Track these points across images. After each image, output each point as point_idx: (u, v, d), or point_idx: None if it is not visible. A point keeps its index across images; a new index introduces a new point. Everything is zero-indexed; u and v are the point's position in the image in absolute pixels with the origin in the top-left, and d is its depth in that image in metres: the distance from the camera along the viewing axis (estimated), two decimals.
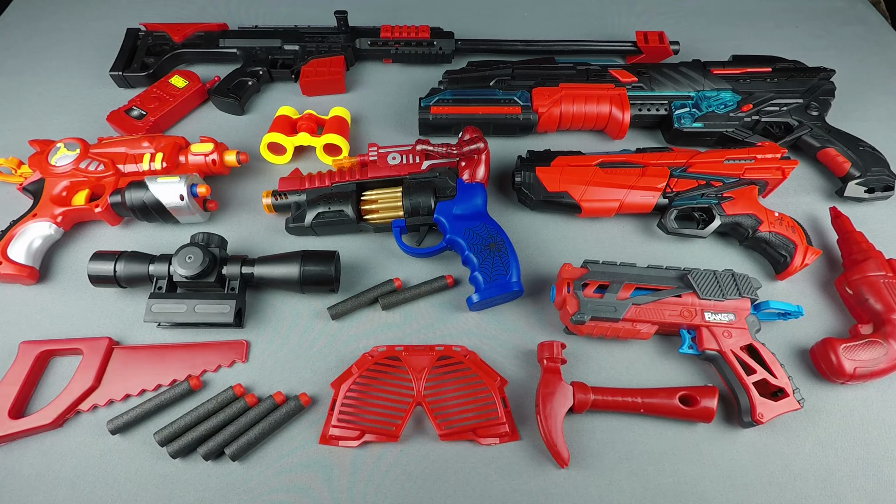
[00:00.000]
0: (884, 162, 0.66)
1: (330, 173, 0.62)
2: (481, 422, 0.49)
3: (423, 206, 0.58)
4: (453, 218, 0.57)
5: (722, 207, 0.60)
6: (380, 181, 0.61)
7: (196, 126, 0.75)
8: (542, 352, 0.52)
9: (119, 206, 0.60)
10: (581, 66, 0.73)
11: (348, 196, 0.59)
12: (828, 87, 0.72)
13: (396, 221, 0.59)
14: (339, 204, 0.59)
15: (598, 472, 0.49)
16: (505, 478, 0.49)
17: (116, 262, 0.55)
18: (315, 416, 0.51)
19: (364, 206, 0.60)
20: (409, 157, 0.61)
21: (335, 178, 0.61)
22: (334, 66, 0.77)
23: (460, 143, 0.60)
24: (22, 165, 0.64)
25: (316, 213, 0.59)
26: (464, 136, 0.61)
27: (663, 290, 0.54)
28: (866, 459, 0.50)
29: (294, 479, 0.48)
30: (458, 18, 0.89)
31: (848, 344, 0.52)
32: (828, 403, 0.53)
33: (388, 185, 0.61)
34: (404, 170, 0.61)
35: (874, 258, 0.57)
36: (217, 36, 0.80)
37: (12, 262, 0.57)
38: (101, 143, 0.64)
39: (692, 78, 0.72)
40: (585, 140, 0.74)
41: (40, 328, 0.56)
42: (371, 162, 0.62)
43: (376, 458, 0.49)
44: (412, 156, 0.61)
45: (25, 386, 0.51)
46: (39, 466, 0.48)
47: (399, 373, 0.51)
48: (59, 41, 0.86)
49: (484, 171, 0.60)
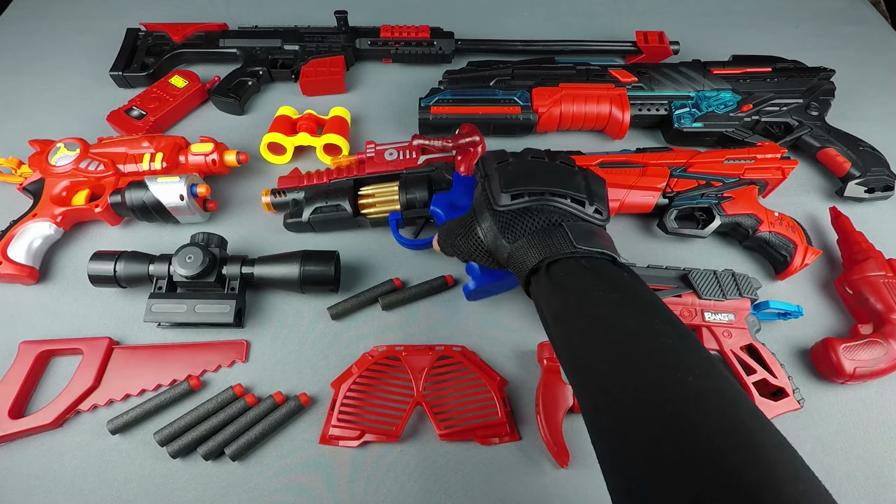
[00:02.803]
0: (884, 162, 0.66)
1: (328, 171, 0.63)
2: (481, 422, 0.49)
3: (420, 199, 0.58)
4: (448, 209, 0.57)
5: (722, 207, 0.60)
6: (377, 177, 0.62)
7: (196, 126, 0.75)
8: (542, 352, 0.52)
9: (119, 206, 0.60)
10: (581, 66, 0.73)
11: (346, 192, 0.60)
12: (828, 87, 0.72)
13: (393, 215, 0.59)
14: (337, 199, 0.60)
15: (598, 472, 0.48)
16: (505, 478, 0.49)
17: (116, 262, 0.55)
18: (315, 416, 0.51)
19: (361, 201, 0.61)
20: (406, 152, 0.62)
21: (333, 175, 0.62)
22: (334, 66, 0.77)
23: (456, 136, 0.60)
24: (22, 165, 0.64)
25: (313, 208, 0.60)
26: (460, 132, 0.61)
27: (663, 290, 0.54)
28: (866, 459, 0.50)
29: (294, 479, 0.48)
30: (458, 18, 0.89)
31: (848, 344, 0.52)
32: (828, 403, 0.53)
33: (386, 180, 0.62)
34: (401, 165, 0.61)
35: (874, 258, 0.57)
36: (217, 36, 0.80)
37: (12, 262, 0.57)
38: (101, 143, 0.64)
39: (692, 78, 0.72)
40: (585, 140, 0.74)
41: (40, 328, 0.56)
42: (368, 159, 0.62)
43: (376, 458, 0.49)
44: (409, 151, 0.62)
45: (25, 386, 0.51)
46: (39, 466, 0.48)
47: (399, 373, 0.51)
48: (59, 41, 0.86)
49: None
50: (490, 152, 0.50)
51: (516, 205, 0.43)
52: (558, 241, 0.40)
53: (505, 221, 0.43)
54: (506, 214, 0.43)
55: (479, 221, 0.45)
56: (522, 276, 0.42)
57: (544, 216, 0.42)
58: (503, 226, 0.43)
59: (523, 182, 0.44)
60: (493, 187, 0.44)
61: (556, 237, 0.40)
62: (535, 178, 0.44)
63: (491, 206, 0.44)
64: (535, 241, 0.40)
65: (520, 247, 0.41)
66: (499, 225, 0.43)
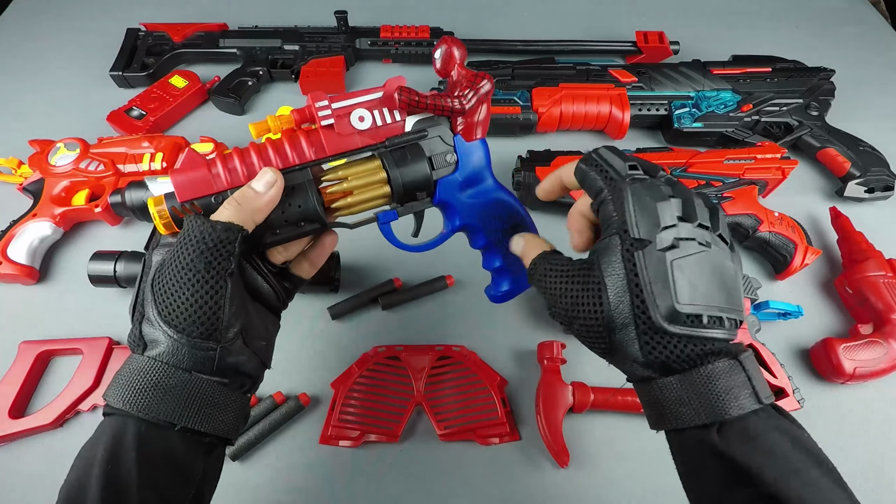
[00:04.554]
0: (884, 162, 0.66)
1: (259, 151, 0.36)
2: (481, 422, 0.49)
3: (420, 181, 0.38)
4: (462, 200, 0.41)
5: (722, 207, 0.60)
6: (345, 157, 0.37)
7: (196, 126, 0.75)
8: (542, 352, 0.52)
9: (119, 206, 0.60)
10: (581, 66, 0.74)
11: (301, 189, 0.36)
12: (828, 87, 0.72)
13: (384, 216, 0.40)
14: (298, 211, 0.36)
15: (598, 471, 0.49)
16: (505, 478, 0.49)
17: (116, 261, 0.55)
18: (315, 416, 0.51)
19: (329, 197, 0.37)
20: (383, 113, 0.37)
21: (266, 156, 0.35)
22: (334, 66, 0.77)
23: (454, 84, 0.39)
24: (22, 165, 0.64)
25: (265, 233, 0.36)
26: (449, 62, 0.39)
27: None
28: (866, 459, 0.50)
29: (294, 479, 0.48)
30: (458, 18, 0.89)
31: (848, 344, 0.52)
32: (828, 403, 0.53)
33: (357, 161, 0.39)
34: (381, 134, 0.38)
35: (874, 258, 0.57)
36: (217, 36, 0.80)
37: (12, 261, 0.57)
38: (101, 143, 0.64)
39: (692, 78, 0.72)
40: (585, 140, 0.74)
41: (40, 328, 0.56)
42: (325, 129, 0.36)
43: (376, 458, 0.49)
44: (387, 112, 0.38)
45: (25, 386, 0.51)
46: (39, 466, 0.48)
47: (399, 373, 0.51)
48: (59, 41, 0.86)
49: (485, 115, 0.41)
50: (607, 149, 0.36)
51: (686, 331, 0.28)
52: (735, 392, 0.27)
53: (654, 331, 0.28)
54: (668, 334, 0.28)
55: (605, 265, 0.30)
56: (663, 422, 0.30)
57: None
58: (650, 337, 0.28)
59: (703, 291, 0.28)
60: (659, 288, 0.28)
61: (733, 382, 0.27)
62: (714, 288, 0.28)
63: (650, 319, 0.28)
64: (699, 388, 0.28)
65: (670, 386, 0.29)
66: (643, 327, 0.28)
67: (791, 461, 0.26)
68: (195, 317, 0.30)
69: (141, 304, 0.32)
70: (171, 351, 0.30)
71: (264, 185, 0.33)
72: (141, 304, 0.32)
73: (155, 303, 0.30)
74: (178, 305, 0.30)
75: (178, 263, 0.30)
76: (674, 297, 0.27)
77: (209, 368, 0.31)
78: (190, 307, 0.30)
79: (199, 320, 0.30)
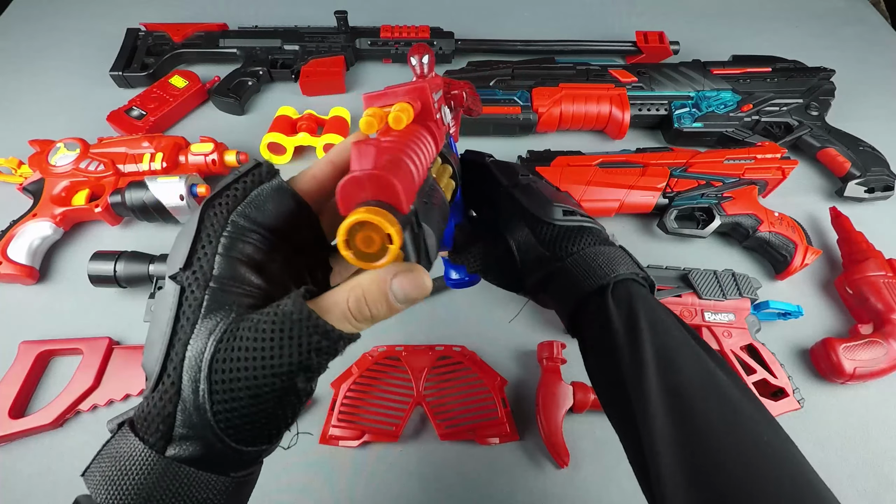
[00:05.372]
0: (884, 162, 0.67)
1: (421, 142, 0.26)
2: (481, 422, 0.49)
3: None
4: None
5: (722, 207, 0.60)
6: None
7: (196, 126, 0.75)
8: (542, 352, 0.52)
9: (119, 206, 0.60)
10: (581, 66, 0.73)
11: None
12: (828, 87, 0.72)
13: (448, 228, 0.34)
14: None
15: (598, 471, 0.49)
16: (505, 478, 0.49)
17: (116, 262, 0.55)
18: (315, 416, 0.51)
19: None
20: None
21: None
22: (334, 66, 0.77)
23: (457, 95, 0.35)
24: (22, 165, 0.64)
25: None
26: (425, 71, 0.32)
27: (663, 290, 0.54)
28: (866, 459, 0.50)
29: (294, 479, 0.48)
30: (458, 18, 0.89)
31: (848, 344, 0.52)
32: (828, 403, 0.53)
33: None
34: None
35: (874, 258, 0.57)
36: (217, 36, 0.80)
37: (12, 261, 0.57)
38: (101, 143, 0.64)
39: (692, 78, 0.72)
40: (585, 140, 0.74)
41: (40, 328, 0.56)
42: (436, 122, 0.30)
43: (376, 458, 0.49)
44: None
45: (25, 386, 0.51)
46: (39, 466, 0.48)
47: (399, 373, 0.51)
48: (59, 41, 0.86)
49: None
50: (502, 162, 0.41)
51: (568, 221, 0.37)
52: (626, 261, 0.35)
53: (556, 234, 0.36)
54: (559, 228, 0.36)
55: (509, 232, 0.38)
56: (572, 295, 0.35)
57: (596, 236, 0.37)
58: (554, 238, 0.36)
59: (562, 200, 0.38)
60: (537, 200, 0.37)
61: (615, 254, 0.35)
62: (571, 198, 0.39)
63: (537, 218, 0.37)
64: (603, 257, 0.35)
65: (577, 261, 0.35)
66: (547, 237, 0.36)
67: (670, 326, 0.32)
68: (264, 434, 0.23)
69: (178, 376, 0.21)
70: (210, 459, 0.22)
71: (405, 299, 0.23)
72: (178, 375, 0.21)
73: (211, 403, 0.20)
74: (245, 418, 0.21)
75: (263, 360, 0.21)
76: (548, 203, 0.37)
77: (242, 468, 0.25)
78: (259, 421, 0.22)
79: (268, 436, 0.23)
